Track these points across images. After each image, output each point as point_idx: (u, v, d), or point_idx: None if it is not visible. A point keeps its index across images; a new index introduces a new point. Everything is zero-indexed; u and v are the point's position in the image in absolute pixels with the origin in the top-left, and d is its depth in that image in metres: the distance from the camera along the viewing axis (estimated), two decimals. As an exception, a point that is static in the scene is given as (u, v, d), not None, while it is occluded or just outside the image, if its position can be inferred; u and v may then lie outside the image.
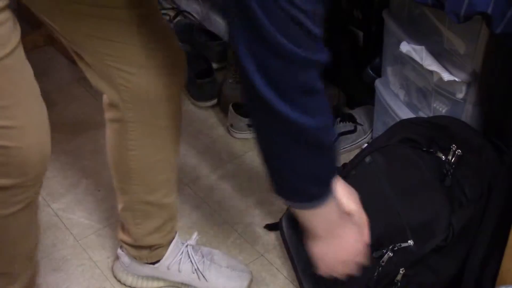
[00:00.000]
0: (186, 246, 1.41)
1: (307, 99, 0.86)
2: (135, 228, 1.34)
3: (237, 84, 1.96)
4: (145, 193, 1.29)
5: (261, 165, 0.94)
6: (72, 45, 1.14)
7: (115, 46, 1.11)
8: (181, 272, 1.41)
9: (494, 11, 1.08)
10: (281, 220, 1.49)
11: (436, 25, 1.37)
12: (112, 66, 1.13)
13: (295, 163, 0.91)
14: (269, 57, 0.80)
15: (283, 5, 0.76)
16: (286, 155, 0.90)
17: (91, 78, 1.19)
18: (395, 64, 1.58)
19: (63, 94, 2.06)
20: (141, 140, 1.22)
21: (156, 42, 1.14)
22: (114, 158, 1.28)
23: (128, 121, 1.20)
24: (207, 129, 1.94)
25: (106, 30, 1.09)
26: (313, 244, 1.02)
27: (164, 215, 1.34)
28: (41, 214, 1.63)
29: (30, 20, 2.27)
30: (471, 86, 1.35)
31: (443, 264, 1.21)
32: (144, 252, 1.38)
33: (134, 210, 1.31)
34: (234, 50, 0.83)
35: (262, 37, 0.78)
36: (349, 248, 1.03)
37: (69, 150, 1.85)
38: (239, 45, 0.80)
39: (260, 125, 0.90)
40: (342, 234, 1.01)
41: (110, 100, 1.19)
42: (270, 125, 0.87)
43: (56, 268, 1.50)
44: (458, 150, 1.25)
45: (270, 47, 0.79)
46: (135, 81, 1.15)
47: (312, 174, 0.93)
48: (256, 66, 0.81)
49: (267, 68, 0.81)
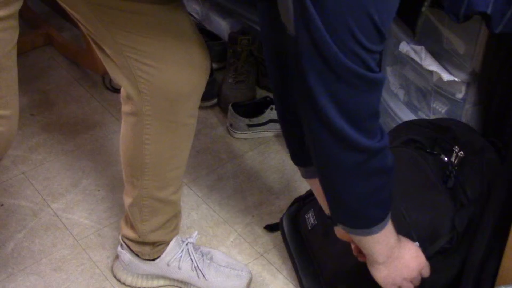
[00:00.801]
0: (186, 244, 1.42)
1: (373, 123, 0.91)
2: (141, 224, 1.34)
3: (237, 84, 1.96)
4: (155, 188, 1.29)
5: (261, 165, 0.95)
6: (92, 35, 1.15)
7: (136, 39, 1.11)
8: (181, 269, 1.41)
9: (494, 11, 1.08)
10: (282, 219, 1.50)
11: (435, 25, 1.37)
12: (132, 58, 1.13)
13: (360, 188, 0.96)
14: (339, 84, 0.85)
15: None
16: (351, 182, 0.95)
17: (110, 70, 1.19)
18: (395, 64, 1.58)
19: (63, 94, 2.06)
20: (157, 135, 1.22)
21: (179, 38, 1.14)
22: (128, 151, 1.28)
23: (145, 114, 1.20)
24: (206, 129, 1.94)
25: (128, 23, 1.09)
26: (375, 270, 1.08)
27: (170, 212, 1.35)
28: (41, 214, 1.64)
29: (30, 20, 2.28)
30: (470, 86, 1.35)
31: (446, 264, 1.21)
32: (147, 248, 1.38)
33: (142, 206, 1.32)
34: (302, 83, 0.87)
35: (331, 65, 0.83)
36: (410, 265, 1.09)
37: (68, 150, 1.85)
38: (309, 74, 0.85)
39: (327, 156, 0.94)
40: (400, 255, 1.07)
41: (128, 92, 1.19)
42: (338, 154, 0.92)
43: (56, 268, 1.50)
44: (461, 152, 1.25)
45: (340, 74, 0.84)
46: (155, 74, 1.15)
47: (376, 199, 0.98)
48: (328, 97, 0.85)
49: (337, 95, 0.86)
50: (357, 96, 0.87)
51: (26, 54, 2.20)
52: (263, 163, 1.79)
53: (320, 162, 0.98)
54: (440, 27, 1.35)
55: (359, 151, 0.91)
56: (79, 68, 2.16)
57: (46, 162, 1.80)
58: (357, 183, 0.96)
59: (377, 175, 0.96)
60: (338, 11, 0.80)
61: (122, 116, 1.26)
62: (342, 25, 0.81)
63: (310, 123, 0.92)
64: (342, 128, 0.88)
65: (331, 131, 0.89)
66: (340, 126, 0.88)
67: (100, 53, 1.17)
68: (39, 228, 1.60)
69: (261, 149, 1.85)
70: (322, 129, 0.90)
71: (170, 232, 1.38)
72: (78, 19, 1.13)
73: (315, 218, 1.41)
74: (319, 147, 0.95)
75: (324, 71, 0.84)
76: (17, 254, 1.53)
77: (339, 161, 0.93)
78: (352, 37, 0.81)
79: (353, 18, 0.80)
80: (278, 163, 1.80)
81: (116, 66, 1.16)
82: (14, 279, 1.47)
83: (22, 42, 1.01)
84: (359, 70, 0.84)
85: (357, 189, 0.96)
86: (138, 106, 1.19)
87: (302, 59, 0.85)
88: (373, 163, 0.93)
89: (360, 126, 0.89)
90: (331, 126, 0.88)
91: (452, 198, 1.22)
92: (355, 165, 0.93)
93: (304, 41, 0.83)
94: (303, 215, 1.45)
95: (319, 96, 0.86)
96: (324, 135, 0.91)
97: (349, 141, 0.89)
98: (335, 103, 0.86)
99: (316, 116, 0.89)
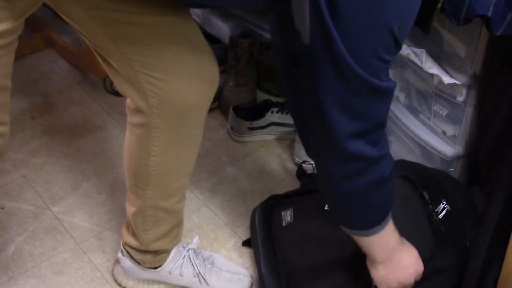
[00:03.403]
0: (187, 250, 1.41)
1: (379, 132, 0.93)
2: (144, 233, 1.33)
3: (237, 87, 1.96)
4: (160, 198, 1.28)
5: (261, 168, 0.95)
6: (98, 50, 1.13)
7: (144, 52, 1.09)
8: (183, 276, 1.40)
9: (494, 14, 1.08)
10: (255, 211, 1.51)
11: (436, 28, 1.37)
12: (140, 72, 1.11)
13: (361, 196, 0.98)
14: (351, 94, 0.86)
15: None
16: (349, 188, 0.97)
17: (117, 83, 1.17)
18: (395, 67, 1.58)
19: (63, 97, 2.06)
20: (164, 146, 1.21)
21: (189, 50, 1.12)
22: (133, 162, 1.26)
23: (153, 127, 1.18)
24: (207, 132, 1.93)
25: (136, 37, 1.08)
26: (374, 268, 1.12)
27: (173, 221, 1.34)
28: (42, 217, 1.64)
29: (31, 23, 2.28)
30: (471, 89, 1.35)
31: None
32: (149, 256, 1.38)
33: (146, 215, 1.30)
34: (312, 91, 0.88)
35: (344, 75, 0.84)
36: (408, 271, 1.12)
37: (69, 153, 1.85)
38: (319, 82, 0.86)
39: (329, 167, 0.96)
40: (400, 258, 1.10)
41: (136, 105, 1.17)
42: (340, 166, 0.94)
43: (56, 271, 1.50)
44: (447, 206, 1.29)
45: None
46: (164, 87, 1.13)
47: (373, 203, 1.01)
48: (338, 106, 0.87)
49: (348, 105, 0.87)
50: (369, 106, 0.87)
51: (26, 57, 2.21)
52: (264, 166, 1.79)
53: (320, 168, 0.98)
54: (441, 30, 1.35)
55: (361, 159, 0.91)
56: (80, 71, 2.16)
57: (46, 165, 1.80)
58: (355, 189, 0.96)
59: (377, 181, 0.96)
60: (359, 26, 0.80)
61: (128, 126, 1.24)
62: (362, 40, 0.81)
63: (314, 130, 0.92)
64: (348, 140, 0.89)
65: (334, 142, 0.89)
66: (345, 138, 0.88)
67: (107, 67, 1.15)
68: (40, 231, 1.60)
69: (262, 152, 1.84)
70: (326, 140, 0.91)
71: (172, 241, 1.38)
72: (84, 35, 1.11)
73: (292, 217, 1.44)
74: (321, 156, 0.95)
75: (336, 80, 0.84)
76: (17, 257, 1.53)
77: (339, 171, 0.94)
78: (371, 51, 0.81)
79: (375, 33, 0.80)
80: (279, 166, 1.80)
81: (124, 80, 1.14)
82: (15, 282, 1.47)
83: (23, 45, 1.02)
84: (374, 81, 0.84)
85: (355, 195, 0.97)
86: (147, 119, 1.17)
87: (314, 68, 0.84)
88: (372, 170, 0.94)
89: (366, 136, 0.90)
90: (335, 137, 0.89)
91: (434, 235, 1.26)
92: (355, 172, 0.94)
93: (318, 50, 0.83)
94: (279, 212, 1.48)
95: (328, 105, 0.86)
96: (327, 146, 0.91)
97: (352, 154, 0.90)
98: (345, 113, 0.87)
99: (322, 125, 0.89)
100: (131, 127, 1.23)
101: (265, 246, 1.45)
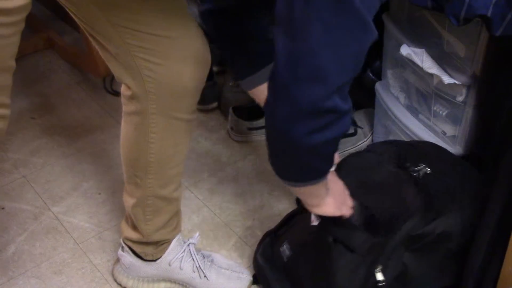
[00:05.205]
0: (188, 244, 1.42)
1: (348, 86, 0.93)
2: (145, 224, 1.34)
3: (237, 87, 1.96)
4: (159, 186, 1.30)
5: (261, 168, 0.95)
6: (96, 35, 1.14)
7: (142, 37, 1.11)
8: (182, 269, 1.41)
9: (494, 14, 1.08)
10: (256, 257, 1.46)
11: (436, 28, 1.37)
12: (138, 57, 1.13)
13: (324, 148, 0.99)
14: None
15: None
16: (318, 143, 0.97)
17: (114, 69, 1.19)
18: (395, 67, 1.58)
19: (63, 97, 2.06)
20: (161, 133, 1.23)
21: (183, 34, 1.15)
22: (132, 151, 1.28)
23: (151, 113, 1.20)
24: (207, 132, 1.94)
25: (134, 21, 1.10)
26: (325, 205, 1.16)
27: (172, 210, 1.36)
28: (42, 218, 1.64)
29: (31, 23, 2.28)
30: (471, 89, 1.35)
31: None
32: (150, 248, 1.39)
33: (145, 205, 1.32)
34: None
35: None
36: (341, 187, 1.21)
37: (69, 153, 1.85)
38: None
39: (294, 121, 0.95)
40: (332, 183, 1.17)
41: (133, 92, 1.18)
42: (309, 120, 0.94)
43: (56, 271, 1.50)
44: (427, 168, 1.27)
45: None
46: (162, 72, 1.15)
47: (331, 154, 1.04)
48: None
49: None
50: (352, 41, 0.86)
51: (27, 57, 2.21)
52: (264, 166, 1.79)
53: (278, 123, 0.96)
54: (441, 30, 1.35)
55: (332, 112, 0.92)
56: (80, 71, 2.16)
57: (46, 165, 1.80)
58: (320, 142, 0.96)
59: (340, 134, 0.98)
60: None
61: (124, 116, 1.25)
62: None
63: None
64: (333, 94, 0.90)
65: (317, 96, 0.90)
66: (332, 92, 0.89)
67: (105, 54, 1.17)
68: (40, 232, 1.60)
69: (262, 152, 1.84)
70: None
71: (173, 231, 1.38)
72: (82, 20, 1.12)
73: (290, 249, 1.37)
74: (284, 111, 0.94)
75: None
76: (17, 257, 1.53)
77: (308, 125, 0.93)
78: None
79: None
80: (278, 166, 1.80)
81: (122, 67, 1.16)
82: (15, 282, 1.47)
83: (23, 45, 1.02)
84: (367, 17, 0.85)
85: (318, 148, 0.98)
86: (143, 105, 1.19)
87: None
88: (340, 123, 0.94)
89: (340, 90, 0.89)
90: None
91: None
92: (323, 126, 0.93)
93: None
94: (277, 249, 1.41)
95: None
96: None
97: (328, 108, 0.90)
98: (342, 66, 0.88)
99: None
100: (127, 117, 1.25)
101: (280, 284, 1.40)
